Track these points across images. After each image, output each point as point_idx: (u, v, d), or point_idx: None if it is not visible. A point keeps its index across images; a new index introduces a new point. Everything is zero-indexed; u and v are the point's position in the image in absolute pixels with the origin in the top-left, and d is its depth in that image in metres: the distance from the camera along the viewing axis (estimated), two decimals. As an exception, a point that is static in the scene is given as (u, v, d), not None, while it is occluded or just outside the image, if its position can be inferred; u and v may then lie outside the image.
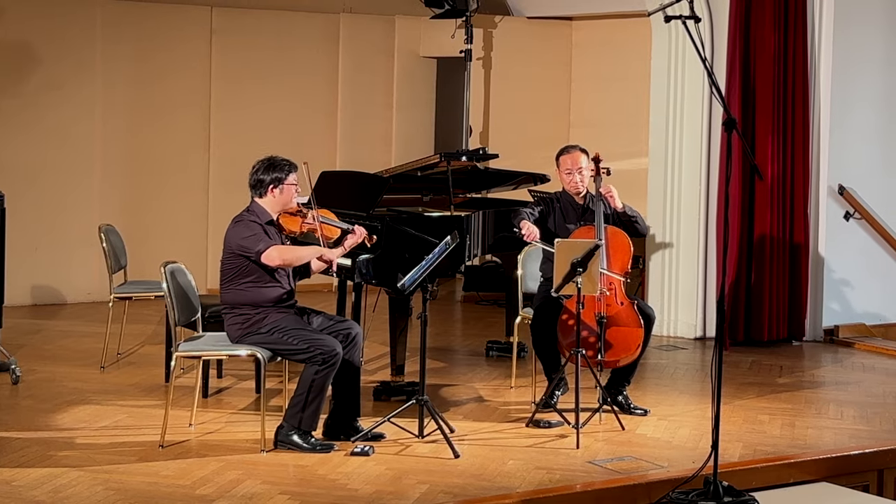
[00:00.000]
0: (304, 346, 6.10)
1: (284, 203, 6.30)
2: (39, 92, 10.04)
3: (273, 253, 6.14)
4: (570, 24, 11.71)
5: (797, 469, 6.17)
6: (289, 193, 6.29)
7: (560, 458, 6.12)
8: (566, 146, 7.25)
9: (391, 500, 5.42)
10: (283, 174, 6.26)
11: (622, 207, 7.08)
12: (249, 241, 6.17)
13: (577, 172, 7.09)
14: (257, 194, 6.30)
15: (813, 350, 9.17)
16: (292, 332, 6.16)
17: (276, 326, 6.18)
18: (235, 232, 6.22)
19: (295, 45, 11.07)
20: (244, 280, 6.21)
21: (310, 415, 6.08)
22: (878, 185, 9.61)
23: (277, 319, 6.20)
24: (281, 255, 6.17)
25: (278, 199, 6.28)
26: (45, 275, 10.16)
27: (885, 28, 9.58)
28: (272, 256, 6.14)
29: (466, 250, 7.53)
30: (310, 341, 6.10)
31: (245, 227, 6.21)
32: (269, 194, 6.27)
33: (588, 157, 7.12)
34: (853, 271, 9.56)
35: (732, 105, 8.90)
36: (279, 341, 6.15)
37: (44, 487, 5.46)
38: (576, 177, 7.10)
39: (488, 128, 11.51)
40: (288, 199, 6.30)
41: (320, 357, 6.06)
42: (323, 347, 6.07)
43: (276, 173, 6.25)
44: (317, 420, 6.12)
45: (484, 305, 10.81)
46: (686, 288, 9.34)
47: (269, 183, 6.26)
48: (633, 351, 6.82)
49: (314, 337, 6.13)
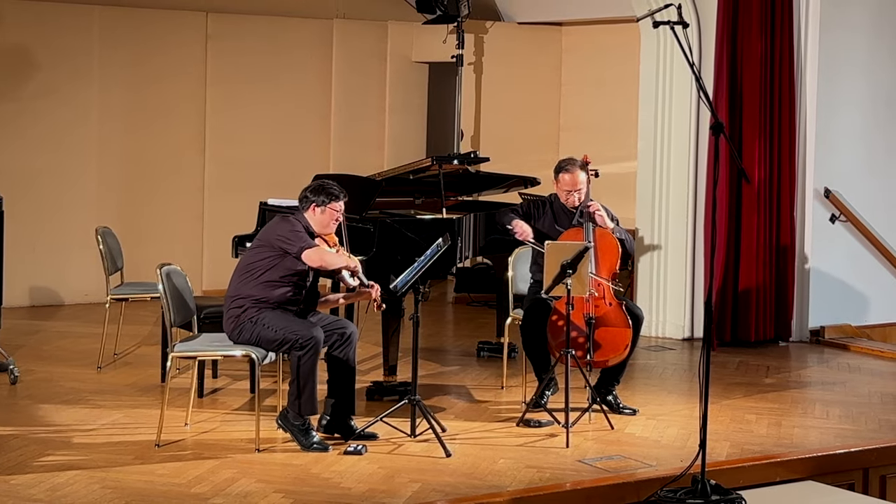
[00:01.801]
0: (281, 334, 6.16)
1: (323, 224, 6.37)
2: (37, 96, 10.03)
3: (314, 254, 6.23)
4: (559, 29, 11.70)
5: (784, 468, 6.19)
6: (329, 216, 6.36)
7: (550, 457, 6.15)
8: (567, 162, 7.17)
9: (384, 498, 5.44)
10: (329, 199, 6.36)
11: (611, 229, 7.05)
12: (295, 236, 6.25)
13: (575, 192, 7.09)
14: (301, 208, 6.40)
15: (799, 351, 9.17)
16: (271, 322, 6.20)
17: (258, 319, 6.22)
18: (280, 226, 6.31)
19: (289, 49, 11.06)
20: (262, 274, 6.26)
21: (307, 400, 6.13)
22: (864, 188, 9.60)
23: (259, 316, 6.23)
24: (321, 257, 6.24)
25: (318, 219, 6.36)
26: (43, 276, 10.15)
27: (870, 33, 9.57)
28: (313, 257, 6.22)
29: (458, 252, 7.52)
30: (285, 329, 6.16)
31: (291, 224, 6.32)
32: (311, 210, 6.36)
33: (587, 173, 7.11)
34: (839, 273, 9.55)
35: (720, 109, 8.90)
36: (260, 333, 6.20)
37: (41, 486, 5.48)
38: (574, 196, 7.10)
39: (479, 131, 11.50)
40: (327, 222, 6.37)
41: (298, 343, 6.11)
42: (298, 333, 6.13)
43: (323, 196, 6.35)
44: (315, 404, 6.16)
45: (475, 307, 10.80)
46: (674, 289, 9.33)
47: (313, 201, 6.35)
48: (622, 351, 6.84)
49: (290, 325, 6.18)
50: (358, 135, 11.40)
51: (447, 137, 11.79)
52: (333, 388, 6.36)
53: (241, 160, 10.82)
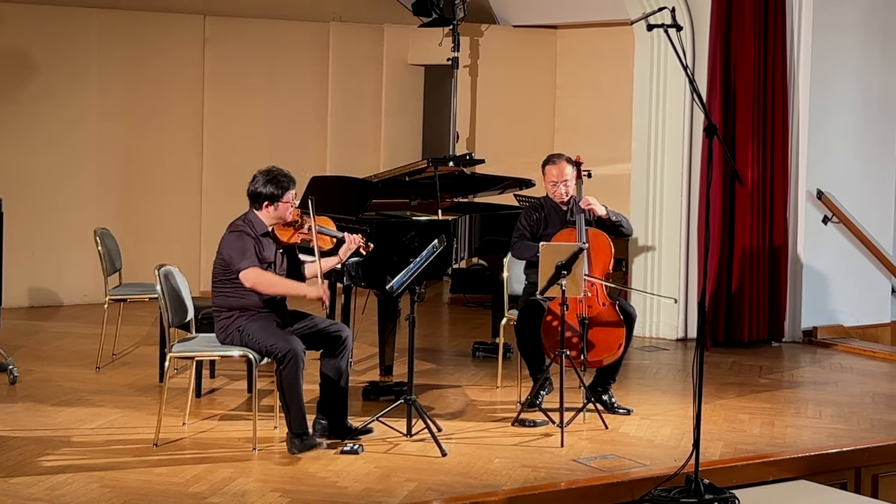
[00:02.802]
0: (263, 347, 6.14)
1: (279, 218, 6.29)
2: (36, 98, 10.06)
3: (250, 275, 6.13)
4: (554, 32, 11.71)
5: (777, 467, 6.20)
6: (283, 210, 6.27)
7: (545, 456, 6.16)
8: (552, 156, 7.21)
9: (380, 497, 5.46)
10: (280, 191, 6.23)
11: (606, 214, 7.09)
12: (235, 255, 6.17)
13: (562, 184, 7.09)
14: (254, 206, 6.30)
15: (792, 351, 9.18)
16: (254, 335, 6.17)
17: (244, 329, 6.21)
18: (228, 241, 6.23)
19: (286, 52, 11.08)
20: (233, 283, 6.22)
21: (295, 415, 6.09)
22: (856, 189, 9.61)
23: (245, 325, 6.20)
24: (255, 279, 6.14)
25: (272, 215, 6.28)
26: (42, 277, 10.17)
27: (863, 36, 9.58)
28: (248, 277, 6.13)
29: (453, 253, 7.57)
30: (264, 342, 6.13)
31: (237, 239, 6.21)
32: (264, 210, 6.28)
33: (573, 166, 7.12)
34: (831, 274, 9.57)
35: (713, 111, 8.90)
36: (247, 343, 6.19)
37: (40, 485, 5.50)
38: (561, 188, 7.10)
39: (475, 133, 11.53)
40: (282, 215, 6.29)
41: (277, 356, 6.08)
42: (276, 347, 6.09)
43: (273, 189, 6.23)
44: (303, 419, 6.11)
45: (470, 307, 10.81)
46: (668, 290, 9.30)
47: (265, 199, 6.24)
48: (616, 350, 6.84)
49: (268, 339, 6.14)
50: (354, 137, 11.43)
51: (443, 139, 11.81)
52: (326, 392, 6.35)
53: (238, 162, 10.78)
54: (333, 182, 8.40)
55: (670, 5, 6.31)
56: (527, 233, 7.21)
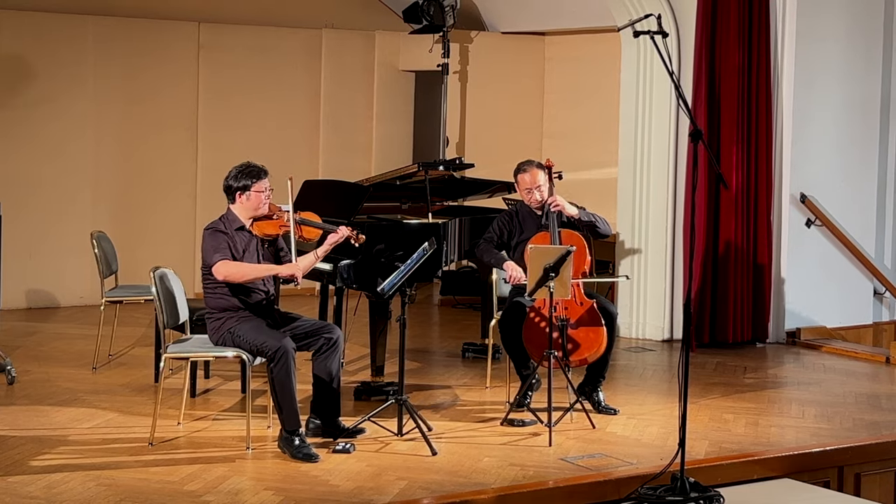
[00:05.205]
0: (255, 346, 6.16)
1: (254, 208, 6.26)
2: (34, 105, 10.07)
3: (221, 268, 6.11)
4: (542, 39, 11.71)
5: (761, 466, 6.23)
6: (256, 199, 6.24)
7: (533, 455, 6.19)
8: (522, 164, 7.20)
9: (371, 495, 5.49)
10: (251, 181, 6.22)
11: (577, 214, 7.08)
12: (207, 253, 6.18)
13: (535, 190, 7.10)
14: (229, 200, 6.31)
15: (776, 351, 9.20)
16: (245, 335, 6.19)
17: (234, 330, 6.22)
18: (203, 241, 6.25)
19: (278, 58, 11.08)
20: (218, 284, 6.24)
21: (288, 414, 6.08)
22: (838, 193, 9.65)
23: (235, 326, 6.22)
24: (226, 271, 6.12)
25: (246, 206, 6.25)
26: (40, 279, 10.19)
27: (845, 42, 9.63)
28: (220, 271, 6.12)
29: (443, 256, 7.60)
30: (255, 341, 6.14)
31: (210, 237, 6.21)
32: (238, 201, 6.26)
33: (544, 171, 7.11)
34: (814, 276, 9.59)
35: (699, 117, 8.94)
36: (238, 344, 6.21)
37: (38, 484, 5.52)
38: (535, 194, 7.10)
39: (464, 138, 11.53)
40: (256, 205, 6.25)
41: (268, 355, 6.08)
42: (267, 345, 6.08)
43: (244, 180, 6.22)
44: (296, 418, 6.08)
45: (460, 309, 10.82)
46: (654, 292, 9.37)
47: (237, 189, 6.24)
48: (598, 348, 6.84)
49: (259, 338, 6.14)
50: (346, 141, 11.44)
51: (433, 144, 11.83)
52: (318, 392, 6.37)
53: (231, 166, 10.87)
54: (326, 186, 8.45)
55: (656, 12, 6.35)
56: (495, 237, 7.25)
